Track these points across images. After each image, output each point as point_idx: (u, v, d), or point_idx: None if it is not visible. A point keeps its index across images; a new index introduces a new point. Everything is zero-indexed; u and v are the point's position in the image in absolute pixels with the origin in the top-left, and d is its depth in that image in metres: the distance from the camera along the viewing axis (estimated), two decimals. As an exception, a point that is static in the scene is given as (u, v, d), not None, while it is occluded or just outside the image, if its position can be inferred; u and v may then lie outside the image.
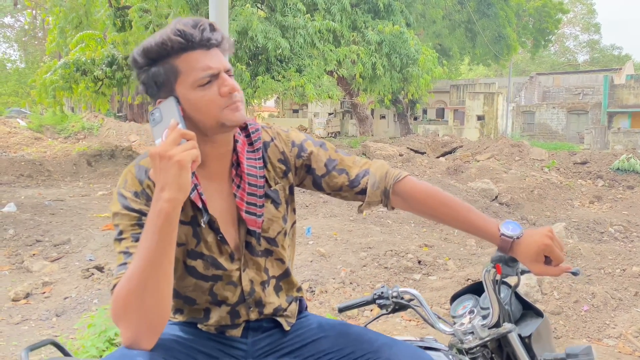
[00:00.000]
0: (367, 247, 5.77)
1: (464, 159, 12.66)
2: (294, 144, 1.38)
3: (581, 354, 1.50)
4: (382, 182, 1.39)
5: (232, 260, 1.28)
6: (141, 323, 1.07)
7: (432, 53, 16.40)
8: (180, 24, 1.17)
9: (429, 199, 1.39)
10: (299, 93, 12.82)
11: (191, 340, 1.28)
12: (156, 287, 1.06)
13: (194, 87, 1.17)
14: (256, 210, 1.28)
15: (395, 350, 1.27)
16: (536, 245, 1.26)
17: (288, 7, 12.90)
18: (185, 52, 1.17)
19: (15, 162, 14.16)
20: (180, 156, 1.04)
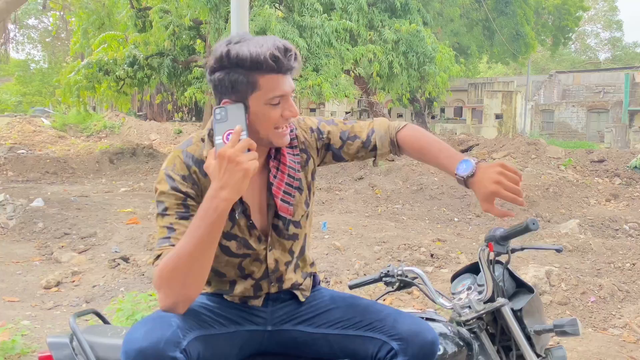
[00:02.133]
0: (381, 242, 5.93)
1: (480, 157, 12.69)
2: (312, 129, 1.55)
3: (567, 325, 1.65)
4: (387, 134, 1.58)
5: (260, 241, 1.46)
6: (180, 294, 1.26)
7: (449, 51, 16.42)
8: (276, 49, 1.29)
9: (414, 144, 1.55)
10: (316, 92, 12.96)
11: (217, 307, 1.46)
12: (199, 269, 1.26)
13: (266, 103, 1.32)
14: (290, 199, 1.45)
15: (399, 318, 1.43)
16: (485, 189, 1.37)
17: (305, 7, 13.06)
18: (271, 74, 1.30)
19: (40, 160, 14.59)
20: (247, 164, 1.19)
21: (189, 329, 1.27)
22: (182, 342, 1.21)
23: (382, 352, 1.40)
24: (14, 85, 37.08)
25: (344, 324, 1.47)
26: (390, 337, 1.39)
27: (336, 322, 1.49)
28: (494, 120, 27.75)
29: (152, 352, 1.16)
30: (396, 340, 1.38)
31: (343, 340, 1.46)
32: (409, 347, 1.37)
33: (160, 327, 1.20)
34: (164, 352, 1.16)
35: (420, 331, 1.39)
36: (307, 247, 1.60)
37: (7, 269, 5.27)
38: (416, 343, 1.37)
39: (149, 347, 1.16)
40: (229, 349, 1.42)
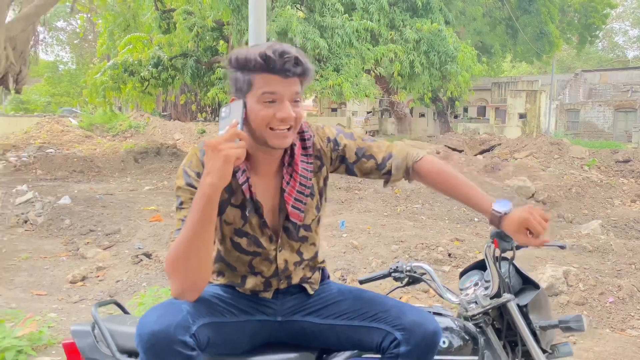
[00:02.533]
0: (399, 241, 5.95)
1: (502, 157, 12.60)
2: (329, 139, 1.60)
3: (572, 321, 1.69)
4: (404, 162, 1.63)
5: (271, 241, 1.52)
6: (185, 280, 1.35)
7: (471, 50, 16.32)
8: (270, 49, 1.36)
9: (437, 177, 1.62)
10: (337, 92, 13.03)
11: (229, 298, 1.53)
12: (197, 254, 1.33)
13: (258, 101, 1.39)
14: (301, 206, 1.51)
15: (403, 310, 1.49)
16: (517, 219, 1.47)
17: (326, 8, 13.14)
18: (264, 73, 1.37)
19: (68, 159, 14.96)
20: (227, 152, 1.27)
21: (199, 315, 1.34)
22: (191, 327, 1.29)
23: (386, 342, 1.45)
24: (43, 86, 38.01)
25: (350, 315, 1.53)
26: (394, 328, 1.44)
27: (343, 314, 1.54)
28: (518, 119, 27.40)
29: (163, 335, 1.24)
30: (399, 331, 1.43)
31: (349, 331, 1.52)
32: (411, 337, 1.42)
33: (171, 313, 1.28)
34: (174, 336, 1.24)
35: (422, 322, 1.44)
36: (319, 250, 1.67)
37: (36, 264, 5.46)
38: (418, 333, 1.42)
39: (160, 330, 1.24)
40: (239, 337, 1.49)
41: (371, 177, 1.66)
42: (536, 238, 1.49)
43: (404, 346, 1.42)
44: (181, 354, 1.25)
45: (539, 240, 1.49)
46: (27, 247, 6.03)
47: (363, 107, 35.44)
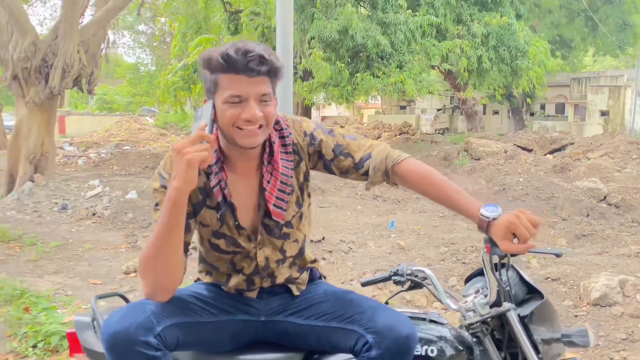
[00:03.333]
0: (449, 243, 5.78)
1: (574, 156, 11.89)
2: (306, 133, 1.57)
3: (575, 335, 1.56)
4: (382, 164, 1.55)
5: (250, 240, 1.52)
6: (155, 282, 1.36)
7: (544, 44, 15.51)
8: (233, 48, 1.35)
9: (422, 180, 1.54)
10: (399, 89, 12.83)
11: (211, 297, 1.54)
12: (165, 256, 1.34)
13: (223, 102, 1.38)
14: (282, 204, 1.50)
15: (377, 312, 1.44)
16: (503, 224, 1.37)
17: (389, 4, 12.97)
18: (228, 73, 1.36)
19: (142, 156, 15.77)
20: (190, 156, 1.26)
21: (166, 316, 1.35)
22: (155, 327, 1.30)
23: (359, 345, 1.41)
24: (125, 86, 40.29)
25: (329, 317, 1.50)
26: (366, 330, 1.40)
27: (323, 315, 1.52)
28: (599, 117, 25.73)
29: (123, 335, 1.26)
30: (371, 333, 1.39)
31: (327, 332, 1.49)
32: (382, 341, 1.36)
33: (134, 313, 1.30)
34: (135, 337, 1.26)
35: (394, 325, 1.38)
36: (306, 247, 1.64)
37: (97, 254, 5.80)
38: (389, 337, 1.36)
39: (120, 331, 1.26)
40: (218, 336, 1.49)
41: (350, 177, 1.60)
42: (523, 244, 1.37)
43: (375, 350, 1.37)
44: (143, 354, 1.27)
45: (524, 247, 1.37)
46: (91, 239, 6.42)
47: (433, 104, 34.69)
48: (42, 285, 4.46)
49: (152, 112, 32.44)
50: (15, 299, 3.84)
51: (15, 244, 5.90)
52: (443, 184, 1.52)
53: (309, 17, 13.42)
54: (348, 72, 12.68)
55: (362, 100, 24.42)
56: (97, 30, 8.08)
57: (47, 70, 7.88)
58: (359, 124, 33.29)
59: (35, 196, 7.93)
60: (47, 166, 8.56)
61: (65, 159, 15.47)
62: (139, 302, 1.39)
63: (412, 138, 21.27)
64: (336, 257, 5.15)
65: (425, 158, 14.48)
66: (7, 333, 3.49)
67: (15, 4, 7.78)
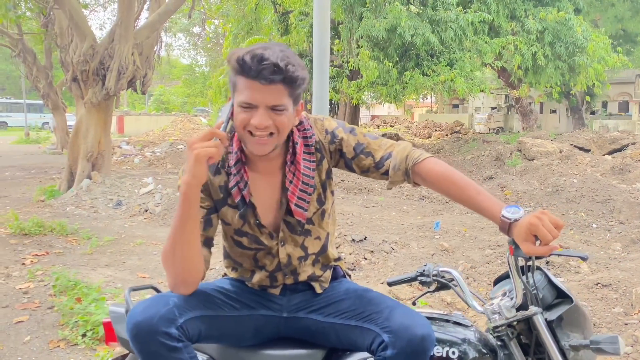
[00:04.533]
0: (495, 245, 5.63)
1: (635, 157, 11.29)
2: (327, 131, 1.58)
3: (604, 342, 1.50)
4: (403, 164, 1.54)
5: (272, 237, 1.55)
6: (175, 274, 1.41)
7: (604, 39, 14.81)
8: (249, 54, 1.33)
9: (443, 180, 1.51)
10: (449, 87, 12.60)
11: (235, 292, 1.58)
12: (181, 249, 1.39)
13: (237, 104, 1.39)
14: (304, 204, 1.52)
15: (394, 311, 1.43)
16: (525, 225, 1.33)
17: (440, 2, 12.75)
18: (243, 77, 1.36)
19: (194, 154, 16.26)
20: (198, 151, 1.29)
21: (188, 308, 1.40)
22: (177, 319, 1.35)
23: (375, 344, 1.41)
24: (180, 87, 41.58)
25: (348, 315, 1.51)
26: (383, 330, 1.40)
27: (343, 313, 1.53)
28: (666, 115, 24.31)
29: (146, 326, 1.31)
30: (387, 333, 1.39)
31: (346, 330, 1.50)
32: (397, 341, 1.36)
33: (157, 305, 1.35)
34: (157, 327, 1.31)
35: (410, 325, 1.37)
36: (329, 245, 1.65)
37: (147, 249, 6.03)
38: (404, 337, 1.36)
39: (143, 321, 1.32)
40: (241, 331, 1.54)
41: (370, 176, 1.60)
42: (544, 246, 1.33)
43: (390, 349, 1.37)
44: (165, 345, 1.32)
45: (546, 249, 1.33)
46: (142, 234, 6.68)
47: (487, 102, 33.83)
48: (94, 277, 4.69)
49: (205, 112, 33.33)
50: (69, 290, 4.06)
51: (72, 237, 6.22)
52: (464, 184, 1.49)
53: (357, 17, 13.40)
54: (396, 70, 12.56)
55: (413, 99, 24.12)
56: (151, 33, 8.38)
57: (103, 72, 8.26)
58: (410, 123, 32.92)
59: (92, 192, 8.33)
60: (103, 164, 8.97)
61: (123, 157, 16.15)
62: (164, 294, 1.44)
63: (464, 137, 20.82)
64: (377, 257, 5.13)
65: (476, 158, 14.13)
66: (60, 322, 3.69)
67: (76, 9, 8.19)
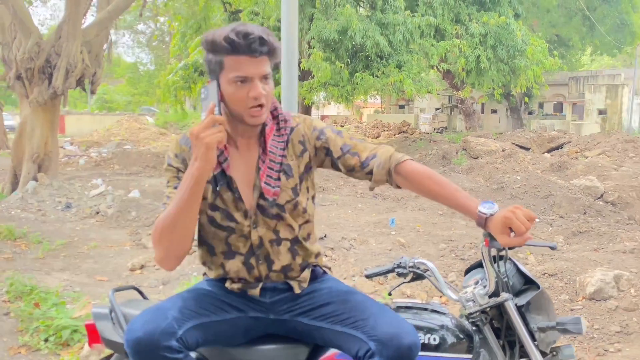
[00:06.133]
0: (448, 240, 5.88)
1: (572, 155, 12.00)
2: (315, 128, 1.66)
3: (569, 323, 1.66)
4: (387, 164, 1.62)
5: (246, 217, 1.59)
6: (169, 249, 1.46)
7: (542, 43, 15.62)
8: (234, 32, 1.43)
9: (423, 179, 1.61)
10: (398, 89, 12.94)
11: (222, 295, 1.60)
12: (183, 226, 1.44)
13: (230, 82, 1.46)
14: (271, 181, 1.58)
15: (380, 319, 1.47)
16: (500, 219, 1.45)
17: (388, 5, 13.06)
18: (232, 54, 1.45)
19: (142, 155, 15.84)
20: (208, 139, 1.36)
21: (185, 319, 1.43)
22: (177, 332, 1.38)
23: (362, 351, 1.44)
24: (124, 86, 40.37)
25: (334, 320, 1.55)
26: (369, 338, 1.43)
27: (328, 317, 1.56)
28: (597, 116, 25.87)
29: (147, 342, 1.35)
30: (374, 341, 1.42)
31: (332, 335, 1.54)
32: (384, 350, 1.40)
33: (155, 319, 1.38)
34: (158, 342, 1.35)
35: (397, 334, 1.41)
36: (306, 239, 1.67)
37: (102, 252, 5.90)
38: (392, 346, 1.40)
39: (144, 337, 1.35)
40: (233, 332, 1.57)
41: (355, 175, 1.67)
42: (519, 237, 1.46)
43: (377, 358, 1.41)
44: (167, 358, 1.36)
45: (520, 239, 1.46)
46: (96, 237, 6.52)
47: (431, 103, 34.81)
48: (50, 282, 4.56)
49: (151, 112, 32.53)
50: (25, 295, 3.94)
51: (21, 242, 5.99)
52: (444, 183, 1.60)
53: (308, 17, 13.52)
54: (347, 72, 12.78)
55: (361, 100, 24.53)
56: (100, 30, 8.16)
57: (50, 70, 7.97)
58: (359, 123, 33.40)
59: (39, 195, 8.02)
60: (50, 165, 8.64)
61: (67, 158, 15.55)
62: (159, 307, 1.46)
63: (411, 137, 21.39)
64: (338, 254, 5.24)
65: (423, 157, 14.56)
66: (19, 328, 3.58)
67: (19, 4, 7.87)
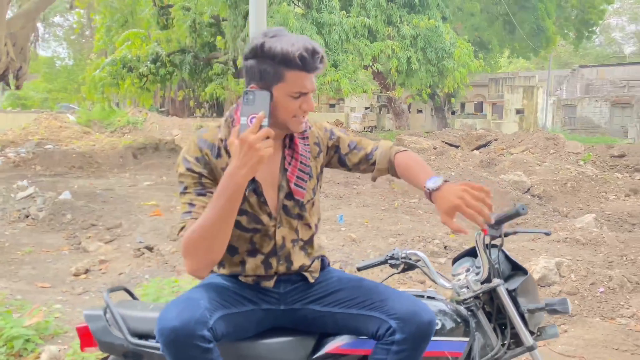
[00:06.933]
0: (396, 234, 6.06)
1: (498, 152, 12.71)
2: (326, 129, 1.77)
3: (557, 304, 1.79)
4: (388, 153, 1.76)
5: (270, 217, 1.62)
6: (205, 260, 1.45)
7: (468, 46, 16.39)
8: (305, 50, 1.45)
9: (404, 164, 1.70)
10: (334, 88, 13.11)
11: (236, 288, 1.62)
12: (223, 235, 1.44)
13: (286, 95, 1.49)
14: (302, 184, 1.63)
15: (399, 299, 1.58)
16: (448, 203, 1.47)
17: (324, 4, 13.19)
18: (297, 70, 1.47)
19: (67, 155, 14.99)
20: (263, 152, 1.35)
21: (214, 310, 1.45)
22: (209, 321, 1.39)
23: (382, 330, 1.54)
24: (40, 82, 37.93)
25: (348, 304, 1.62)
26: (390, 317, 1.53)
27: (342, 302, 1.64)
28: (515, 115, 27.52)
29: (183, 331, 1.34)
30: (395, 320, 1.52)
31: (347, 318, 1.62)
32: (406, 326, 1.51)
33: (190, 309, 1.38)
34: (194, 331, 1.35)
35: (417, 312, 1.53)
36: (315, 237, 1.75)
37: (39, 257, 5.55)
38: (413, 323, 1.51)
39: (180, 326, 1.34)
40: (248, 325, 1.59)
41: (360, 168, 1.77)
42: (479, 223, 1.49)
43: (399, 334, 1.51)
44: (200, 347, 1.36)
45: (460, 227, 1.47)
46: (29, 241, 6.11)
47: (361, 103, 35.46)
48: (-14, 290, 4.24)
49: (72, 109, 30.76)
50: (-38, 306, 3.64)
51: (-56, 249, 5.52)
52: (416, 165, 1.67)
53: (242, 14, 13.35)
54: (285, 70, 12.75)
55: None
56: (26, 23, 7.67)
57: (-30, 63, 7.38)
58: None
59: (-42, 198, 7.40)
60: (-30, 166, 7.99)
61: (-19, 158, 14.42)
62: (190, 297, 1.47)
63: (344, 135, 21.66)
64: (291, 251, 5.27)
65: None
66: (-39, 340, 3.31)
67: None
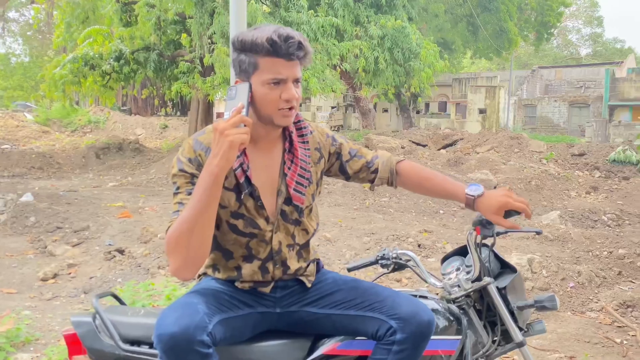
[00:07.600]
0: (370, 233, 6.10)
1: (465, 151, 12.96)
2: (328, 135, 1.74)
3: (546, 300, 1.83)
4: (389, 162, 1.77)
5: (267, 222, 1.59)
6: (187, 257, 1.39)
7: (434, 47, 16.63)
8: (276, 34, 1.44)
9: (415, 178, 1.76)
10: (303, 87, 13.09)
11: (232, 292, 1.59)
12: (201, 230, 1.38)
13: (263, 83, 1.47)
14: (302, 189, 1.60)
15: (398, 300, 1.58)
16: (497, 201, 1.60)
17: (291, 3, 13.15)
18: (269, 56, 1.45)
19: (25, 155, 14.50)
20: (232, 137, 1.33)
21: (212, 314, 1.42)
22: (208, 326, 1.36)
23: (382, 330, 1.54)
24: (-6, 79, 36.54)
25: (346, 305, 1.61)
26: (390, 317, 1.54)
27: (339, 303, 1.62)
28: (478, 115, 28.11)
29: (183, 336, 1.31)
30: (395, 320, 1.53)
31: (345, 320, 1.60)
32: (406, 326, 1.52)
33: (189, 314, 1.35)
34: (193, 337, 1.32)
35: (416, 312, 1.54)
36: (311, 241, 1.73)
37: (2, 262, 5.34)
38: (414, 323, 1.52)
39: (179, 332, 1.31)
40: (244, 329, 1.56)
41: (359, 177, 1.77)
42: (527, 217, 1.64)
43: (399, 334, 1.51)
44: (199, 353, 1.33)
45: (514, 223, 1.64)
46: (-9, 246, 5.88)
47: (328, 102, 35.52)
48: (-52, 298, 4.06)
49: (28, 108, 29.72)
50: None
51: None
52: (432, 177, 1.76)
53: (209, 11, 13.17)
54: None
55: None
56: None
57: None
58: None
59: None
60: None
61: None
62: (187, 302, 1.43)
63: (311, 135, 21.69)
64: (267, 251, 5.24)
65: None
66: None
67: None
